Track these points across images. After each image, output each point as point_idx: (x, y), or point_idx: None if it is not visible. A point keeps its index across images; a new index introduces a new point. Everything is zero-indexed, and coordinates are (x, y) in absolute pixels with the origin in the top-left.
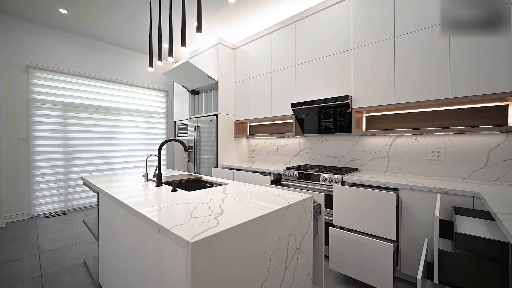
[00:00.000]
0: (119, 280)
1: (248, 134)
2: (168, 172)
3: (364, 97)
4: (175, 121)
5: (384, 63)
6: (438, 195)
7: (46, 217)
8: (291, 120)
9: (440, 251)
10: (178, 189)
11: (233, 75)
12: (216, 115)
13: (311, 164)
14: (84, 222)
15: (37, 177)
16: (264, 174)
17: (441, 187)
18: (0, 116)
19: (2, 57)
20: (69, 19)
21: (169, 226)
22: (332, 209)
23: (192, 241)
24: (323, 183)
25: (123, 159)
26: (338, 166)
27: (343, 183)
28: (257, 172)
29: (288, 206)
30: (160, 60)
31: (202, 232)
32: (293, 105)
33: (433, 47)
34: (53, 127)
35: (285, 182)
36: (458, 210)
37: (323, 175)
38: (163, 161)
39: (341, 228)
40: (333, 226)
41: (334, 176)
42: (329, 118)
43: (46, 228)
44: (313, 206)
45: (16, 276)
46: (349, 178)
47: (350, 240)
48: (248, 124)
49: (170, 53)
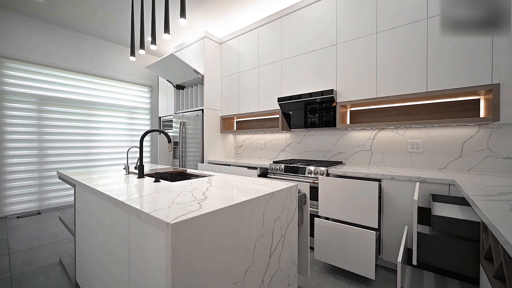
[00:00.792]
0: (97, 275)
1: (235, 130)
2: (152, 166)
3: (348, 91)
4: (160, 117)
5: (367, 58)
6: (417, 184)
7: (18, 217)
8: (278, 116)
9: (419, 234)
10: (161, 180)
11: (220, 70)
12: (202, 110)
13: (298, 159)
14: (60, 219)
15: (8, 175)
16: (251, 169)
17: (420, 176)
18: None
19: None
20: (45, 7)
21: (149, 211)
22: (318, 201)
23: (172, 223)
24: (309, 176)
25: (104, 156)
26: (324, 160)
27: (328, 175)
28: (244, 167)
29: (273, 193)
30: (143, 49)
31: (184, 215)
32: (280, 100)
33: (413, 43)
34: (27, 121)
35: (272, 176)
36: (436, 197)
37: (309, 168)
38: (147, 154)
39: (326, 219)
40: (318, 217)
41: (320, 169)
42: (315, 113)
43: (18, 229)
44: (299, 196)
45: None
46: (334, 171)
47: (335, 230)
48: (235, 120)
49: (153, 41)
